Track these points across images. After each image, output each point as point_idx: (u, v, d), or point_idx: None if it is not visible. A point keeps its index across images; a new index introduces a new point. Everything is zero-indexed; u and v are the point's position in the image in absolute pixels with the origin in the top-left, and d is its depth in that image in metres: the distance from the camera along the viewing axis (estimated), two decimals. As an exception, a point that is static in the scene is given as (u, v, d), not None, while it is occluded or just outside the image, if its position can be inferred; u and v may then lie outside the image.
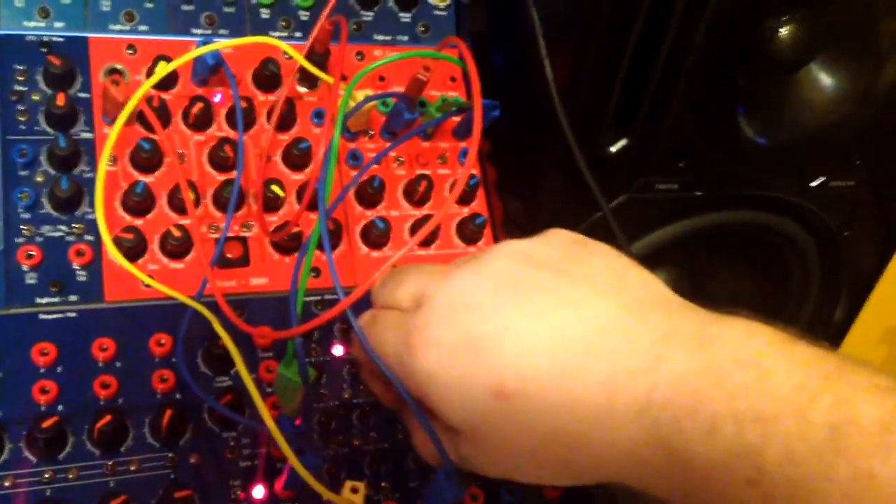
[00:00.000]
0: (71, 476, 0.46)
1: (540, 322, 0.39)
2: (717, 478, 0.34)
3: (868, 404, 0.32)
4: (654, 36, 0.58)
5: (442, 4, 0.64)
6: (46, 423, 0.45)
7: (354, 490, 0.45)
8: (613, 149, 0.61)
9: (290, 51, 0.55)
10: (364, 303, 0.45)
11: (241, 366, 0.45)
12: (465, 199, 0.60)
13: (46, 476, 0.45)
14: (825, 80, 0.65)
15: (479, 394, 0.39)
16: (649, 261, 0.66)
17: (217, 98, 0.56)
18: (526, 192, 0.64)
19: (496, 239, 0.61)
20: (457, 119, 0.61)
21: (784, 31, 0.61)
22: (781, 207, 0.69)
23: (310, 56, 0.56)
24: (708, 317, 0.37)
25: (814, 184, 0.68)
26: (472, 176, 0.60)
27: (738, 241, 0.71)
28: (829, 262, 0.75)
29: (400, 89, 0.59)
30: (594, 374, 0.37)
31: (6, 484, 0.45)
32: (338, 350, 0.53)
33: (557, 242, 0.44)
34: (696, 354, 0.35)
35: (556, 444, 0.39)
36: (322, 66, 0.57)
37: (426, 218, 0.58)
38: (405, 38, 0.63)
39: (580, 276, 0.41)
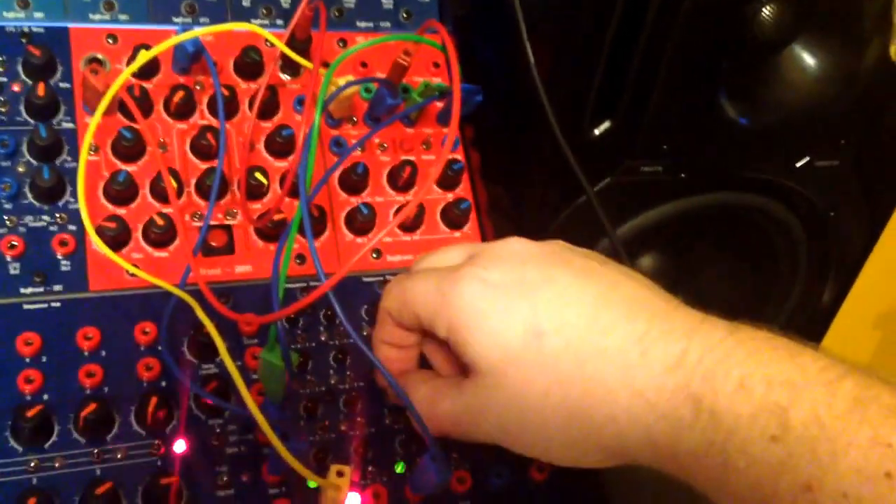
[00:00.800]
0: (57, 465, 0.46)
1: (585, 283, 0.42)
2: (742, 432, 0.35)
3: (886, 391, 0.34)
4: (636, 18, 0.58)
5: (424, -10, 0.64)
6: (31, 412, 0.45)
7: (340, 474, 0.45)
8: (597, 132, 0.61)
9: (270, 38, 0.55)
10: (345, 287, 0.45)
11: (224, 353, 0.45)
12: (449, 185, 0.60)
13: (32, 465, 0.45)
14: (808, 60, 0.65)
15: (514, 328, 0.41)
16: (635, 245, 0.66)
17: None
18: (510, 177, 0.64)
19: (481, 224, 0.61)
20: (440, 105, 0.61)
21: (766, 12, 0.61)
22: (767, 189, 0.69)
23: (291, 43, 0.56)
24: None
25: (799, 164, 0.68)
26: (457, 161, 0.60)
27: (725, 224, 0.71)
28: (817, 243, 0.75)
29: (383, 75, 0.59)
30: (630, 332, 0.40)
31: (-9, 473, 0.45)
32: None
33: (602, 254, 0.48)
34: (729, 333, 0.38)
35: (576, 393, 0.40)
36: (304, 53, 0.57)
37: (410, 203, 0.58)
38: (388, 24, 0.63)
39: (622, 271, 0.45)
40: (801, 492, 0.34)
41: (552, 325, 0.40)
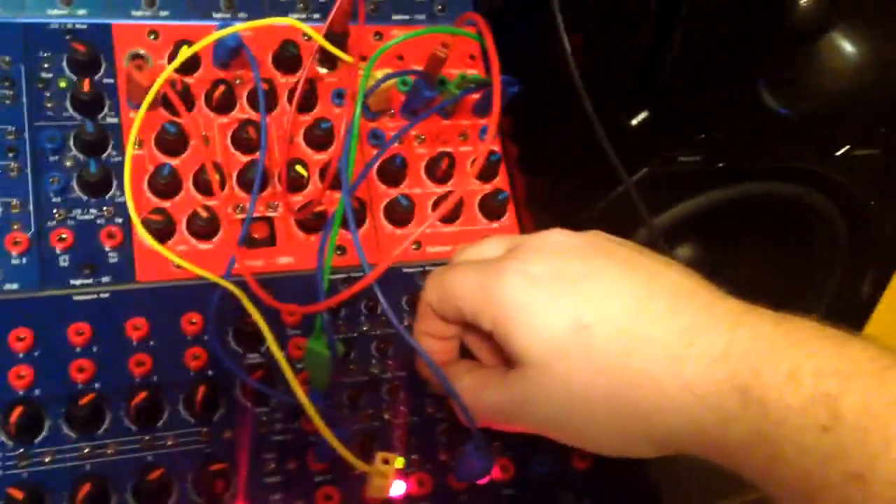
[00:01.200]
0: (109, 451, 0.47)
1: (628, 274, 0.42)
2: (792, 423, 0.36)
3: None
4: (673, 7, 0.57)
5: (459, -18, 0.64)
6: (84, 400, 0.46)
7: (386, 461, 0.45)
8: (634, 122, 0.61)
9: (310, 31, 0.55)
10: (386, 278, 0.45)
11: (271, 341, 0.45)
12: (487, 176, 0.61)
13: (86, 451, 0.46)
14: (847, 48, 0.64)
15: (558, 320, 0.41)
16: (673, 235, 0.66)
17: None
18: (547, 169, 0.64)
19: (519, 215, 0.61)
20: (476, 96, 0.61)
21: (803, 1, 0.61)
22: (806, 178, 0.69)
23: (328, 36, 0.56)
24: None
25: (838, 153, 0.68)
26: (494, 152, 0.60)
27: (763, 214, 0.71)
28: (856, 233, 0.74)
29: (419, 68, 0.60)
30: (676, 324, 0.40)
31: (46, 460, 0.46)
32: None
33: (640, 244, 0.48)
34: (776, 324, 0.38)
35: (622, 384, 0.40)
36: (341, 46, 0.57)
37: (449, 195, 0.59)
38: (422, 17, 0.64)
39: (662, 261, 0.45)
40: (852, 481, 0.34)
41: (596, 317, 0.41)
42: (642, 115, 0.61)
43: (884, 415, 0.34)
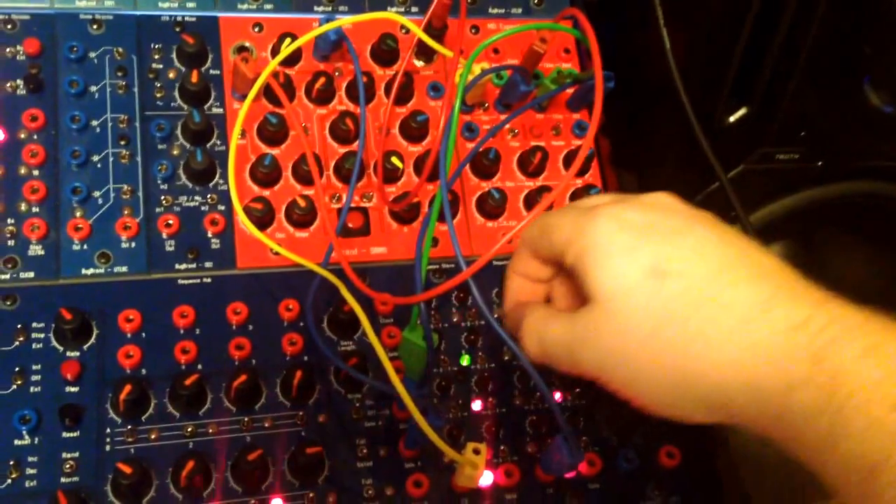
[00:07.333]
0: (210, 430, 0.49)
1: (719, 242, 0.41)
2: (863, 396, 0.35)
3: None
4: (776, 3, 0.56)
5: (556, -23, 0.64)
6: (188, 381, 0.48)
7: (476, 451, 0.46)
8: (732, 119, 0.60)
9: (410, 25, 0.56)
10: (484, 273, 0.46)
11: (368, 329, 0.46)
12: (579, 171, 0.61)
13: (189, 430, 0.48)
14: (957, 44, 0.62)
15: (637, 263, 0.41)
16: (765, 233, 0.65)
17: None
18: (640, 164, 0.64)
19: (609, 210, 0.61)
20: (570, 91, 0.61)
21: (913, -4, 0.59)
22: (908, 178, 0.67)
23: (427, 30, 0.57)
24: None
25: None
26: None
27: (860, 213, 0.69)
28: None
29: (514, 62, 0.60)
30: (754, 293, 0.39)
31: (152, 437, 0.48)
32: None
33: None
34: (857, 310, 0.37)
35: (685, 336, 0.39)
36: (438, 40, 0.58)
37: (540, 189, 0.59)
38: (519, 11, 0.64)
39: (756, 246, 0.43)
40: None
41: (676, 269, 0.40)
42: (741, 112, 0.61)
43: None
